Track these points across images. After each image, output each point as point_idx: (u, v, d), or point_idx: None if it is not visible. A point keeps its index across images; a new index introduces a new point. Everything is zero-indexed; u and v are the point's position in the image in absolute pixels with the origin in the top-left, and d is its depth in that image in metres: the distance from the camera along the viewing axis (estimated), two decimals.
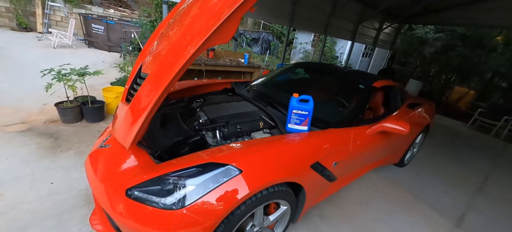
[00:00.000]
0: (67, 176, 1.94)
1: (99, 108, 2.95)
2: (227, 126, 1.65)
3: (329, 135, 1.59)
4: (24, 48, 5.67)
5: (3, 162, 1.99)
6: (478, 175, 3.30)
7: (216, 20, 0.94)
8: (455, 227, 2.16)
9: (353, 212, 2.10)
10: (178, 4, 1.82)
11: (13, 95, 3.30)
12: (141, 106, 1.12)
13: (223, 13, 0.93)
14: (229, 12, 0.93)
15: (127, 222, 1.05)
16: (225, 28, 0.96)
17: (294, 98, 1.56)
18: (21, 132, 2.49)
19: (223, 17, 0.93)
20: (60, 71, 2.62)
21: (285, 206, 1.39)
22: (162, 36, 1.54)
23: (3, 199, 1.65)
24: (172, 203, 1.01)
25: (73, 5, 8.14)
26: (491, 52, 7.59)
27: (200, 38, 0.96)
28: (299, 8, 4.85)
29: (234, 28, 0.99)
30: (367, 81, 2.21)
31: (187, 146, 1.47)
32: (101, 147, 1.45)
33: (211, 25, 0.95)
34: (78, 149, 2.35)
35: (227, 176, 1.07)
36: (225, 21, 0.94)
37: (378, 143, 2.02)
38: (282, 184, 1.27)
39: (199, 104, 2.03)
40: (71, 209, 1.64)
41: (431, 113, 3.08)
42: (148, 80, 1.19)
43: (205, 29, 0.97)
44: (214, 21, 0.94)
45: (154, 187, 1.07)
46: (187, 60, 0.99)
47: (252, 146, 1.28)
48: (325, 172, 1.55)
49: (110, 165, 1.27)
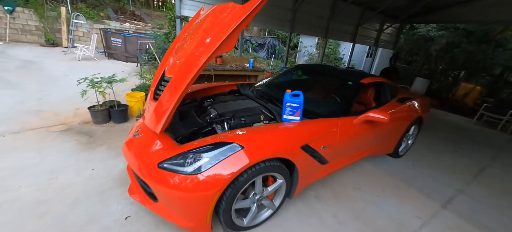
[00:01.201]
0: (104, 164, 2.36)
1: (124, 110, 3.41)
2: (233, 119, 2.00)
3: (318, 123, 1.90)
4: (53, 62, 6.37)
5: (53, 155, 2.44)
6: (476, 167, 3.42)
7: (222, 35, 1.30)
8: (441, 208, 2.36)
9: (346, 194, 2.37)
10: (191, 21, 2.22)
11: (51, 102, 3.84)
12: (167, 102, 1.50)
13: (227, 29, 1.29)
14: (232, 28, 1.28)
15: (159, 187, 1.41)
16: (229, 41, 1.32)
17: (287, 94, 1.89)
18: (62, 132, 2.96)
19: (228, 33, 1.28)
20: (93, 80, 3.10)
21: (280, 180, 1.70)
22: (179, 47, 1.93)
23: (57, 181, 2.07)
24: (192, 170, 1.36)
25: (93, 21, 8.94)
26: (498, 47, 7.55)
27: (210, 50, 1.33)
28: (299, 15, 5.20)
29: (235, 39, 1.34)
30: (356, 78, 2.49)
31: (201, 135, 1.84)
32: (134, 136, 1.85)
33: (218, 39, 1.31)
34: (110, 144, 2.77)
35: (232, 151, 1.41)
36: (229, 36, 1.30)
37: (366, 132, 2.29)
38: (276, 160, 1.60)
39: (209, 102, 2.40)
40: (110, 189, 2.04)
41: (424, 107, 3.29)
42: (171, 83, 1.57)
43: (213, 43, 1.33)
44: (221, 36, 1.30)
45: (178, 160, 1.43)
46: (200, 67, 1.35)
47: (251, 131, 1.62)
48: (315, 154, 1.85)
49: (144, 148, 1.65)
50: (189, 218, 1.44)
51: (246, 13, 1.25)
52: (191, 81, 1.39)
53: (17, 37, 8.18)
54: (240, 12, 1.36)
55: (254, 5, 1.24)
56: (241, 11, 1.35)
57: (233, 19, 1.33)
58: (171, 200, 1.42)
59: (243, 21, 1.29)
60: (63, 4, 8.68)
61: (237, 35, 1.34)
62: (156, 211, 1.54)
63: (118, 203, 1.88)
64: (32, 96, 3.95)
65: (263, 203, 1.70)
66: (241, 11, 1.34)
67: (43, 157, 2.38)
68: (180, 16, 3.70)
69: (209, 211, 1.40)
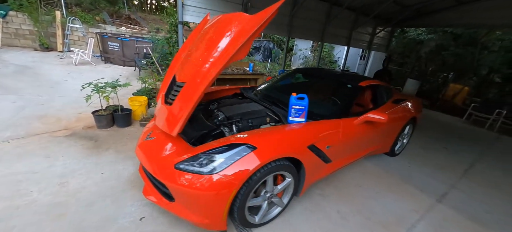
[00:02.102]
0: (113, 168, 2.41)
1: (128, 115, 3.45)
2: (241, 121, 2.10)
3: (322, 124, 2.03)
4: (50, 67, 6.30)
5: (60, 160, 2.47)
6: (466, 163, 3.63)
7: (237, 44, 1.41)
8: (437, 202, 2.52)
9: (348, 191, 2.50)
10: (199, 26, 2.31)
11: (52, 107, 3.83)
12: (183, 106, 1.58)
13: (242, 39, 1.40)
14: (246, 37, 1.39)
15: (177, 187, 1.49)
16: (243, 49, 1.42)
17: (293, 97, 2.00)
18: (67, 136, 2.98)
19: (243, 42, 1.39)
20: (97, 84, 3.13)
21: (289, 178, 1.81)
22: (190, 53, 2.02)
23: (68, 185, 2.11)
24: (209, 171, 1.45)
25: (89, 25, 8.88)
26: (483, 50, 7.94)
27: (225, 57, 1.43)
28: (296, 19, 5.36)
29: (249, 48, 1.45)
30: (354, 81, 2.64)
31: (210, 137, 1.93)
32: (147, 139, 1.92)
33: (233, 48, 1.42)
34: (116, 148, 2.82)
35: (246, 151, 1.51)
36: (244, 45, 1.40)
37: (366, 132, 2.43)
38: (285, 159, 1.70)
39: (215, 106, 2.49)
40: (122, 191, 2.09)
41: (417, 107, 3.47)
42: (186, 88, 1.66)
43: (228, 51, 1.44)
44: (235, 45, 1.41)
45: (195, 161, 1.51)
46: (216, 73, 1.45)
47: (262, 132, 1.72)
48: (320, 153, 1.97)
49: (159, 150, 1.73)
50: (206, 216, 1.52)
51: (260, 23, 1.36)
52: (207, 87, 1.48)
53: (10, 41, 8.03)
54: (252, 22, 1.47)
55: (267, 15, 1.35)
56: (253, 21, 1.46)
57: (245, 29, 1.44)
58: (189, 199, 1.50)
59: (256, 31, 1.40)
60: (57, 8, 8.59)
61: (250, 43, 1.45)
62: (173, 211, 1.61)
63: (131, 205, 1.94)
64: (33, 101, 3.94)
65: (273, 200, 1.80)
66: (254, 21, 1.45)
67: (51, 162, 2.41)
68: (182, 21, 3.78)
69: (226, 208, 1.49)
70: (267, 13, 1.36)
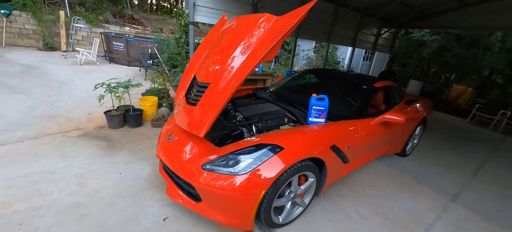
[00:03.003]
0: (129, 168, 2.40)
1: (139, 115, 3.44)
2: (260, 121, 2.10)
3: (342, 125, 2.04)
4: (55, 66, 6.28)
5: (76, 160, 2.46)
6: (474, 164, 3.66)
7: (267, 45, 1.41)
8: (450, 202, 2.54)
9: (364, 191, 2.51)
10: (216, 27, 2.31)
11: (62, 107, 3.82)
12: (212, 106, 1.59)
13: (272, 41, 1.41)
14: (276, 40, 1.40)
15: (206, 187, 1.49)
16: (272, 51, 1.43)
17: (313, 98, 2.01)
18: (80, 137, 2.97)
19: (273, 44, 1.40)
20: (110, 84, 3.13)
21: (312, 178, 1.82)
22: (211, 54, 2.02)
23: (88, 185, 2.11)
24: (238, 171, 1.46)
25: (92, 25, 8.86)
26: (486, 51, 8.01)
27: (255, 59, 1.44)
28: (304, 20, 5.38)
29: (278, 50, 1.46)
30: (369, 82, 2.66)
31: (231, 137, 1.93)
32: (169, 140, 1.92)
33: (263, 50, 1.42)
34: (130, 148, 2.81)
35: (274, 152, 1.51)
36: (273, 47, 1.41)
37: (381, 132, 2.45)
38: (310, 159, 1.71)
39: (231, 106, 2.49)
40: (141, 191, 2.09)
41: (427, 108, 3.50)
42: (211, 88, 1.66)
43: (257, 53, 1.44)
44: (266, 46, 1.42)
45: (223, 161, 1.52)
46: (246, 75, 1.46)
47: (287, 133, 1.73)
48: (341, 154, 1.98)
49: (183, 151, 1.73)
50: (234, 216, 1.53)
51: (292, 23, 1.37)
52: (237, 88, 1.49)
53: (14, 40, 7.99)
54: (281, 23, 1.47)
55: (299, 16, 1.36)
56: (282, 23, 1.47)
57: (276, 29, 1.45)
58: (217, 199, 1.51)
59: (287, 32, 1.41)
60: (61, 7, 8.56)
61: (280, 45, 1.45)
62: (199, 211, 1.61)
63: (152, 205, 1.94)
64: (42, 101, 3.92)
65: (296, 201, 1.81)
66: (282, 23, 1.46)
67: (67, 162, 2.40)
68: (194, 22, 3.79)
69: (254, 208, 1.50)
70: (299, 13, 1.37)
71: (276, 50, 1.44)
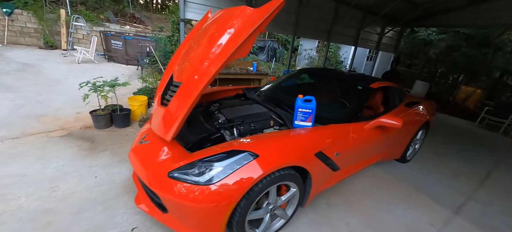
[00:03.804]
0: (107, 171, 2.28)
1: (127, 115, 3.33)
2: (242, 124, 1.95)
3: (330, 129, 1.86)
4: (52, 65, 6.27)
5: (53, 162, 2.36)
6: (482, 171, 3.40)
7: (238, 40, 1.25)
8: (453, 214, 2.32)
9: (357, 201, 2.32)
10: (199, 23, 2.17)
11: (51, 105, 3.75)
12: (179, 108, 1.44)
13: (243, 35, 1.25)
14: (248, 33, 1.24)
15: (170, 197, 1.34)
16: (244, 46, 1.27)
17: (299, 99, 1.84)
18: (63, 137, 2.88)
19: (244, 38, 1.24)
20: (95, 83, 3.03)
21: (294, 189, 1.65)
22: (188, 51, 1.88)
23: (59, 190, 1.99)
24: (205, 181, 1.30)
25: (93, 24, 8.87)
26: (497, 51, 7.62)
27: (225, 55, 1.28)
28: (302, 19, 5.19)
29: (251, 45, 1.30)
30: (364, 83, 2.46)
31: (210, 141, 1.78)
32: (141, 143, 1.78)
33: (233, 45, 1.26)
34: (112, 150, 2.70)
35: (247, 160, 1.35)
36: (245, 41, 1.25)
37: (377, 137, 2.25)
38: (291, 168, 1.54)
39: (216, 107, 2.35)
40: (115, 197, 1.96)
41: (431, 110, 3.27)
42: (182, 88, 1.51)
43: (228, 48, 1.28)
44: (236, 41, 1.26)
45: (190, 170, 1.37)
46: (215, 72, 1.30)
47: (265, 138, 1.57)
48: (328, 161, 1.80)
49: (152, 156, 1.59)
50: (201, 230, 1.38)
51: (263, 18, 1.21)
52: (205, 87, 1.34)
53: (16, 39, 8.06)
54: (255, 16, 1.31)
55: (272, 9, 1.20)
56: (256, 15, 1.30)
57: (248, 23, 1.29)
58: (183, 211, 1.36)
59: (259, 26, 1.25)
60: (62, 6, 8.60)
61: (253, 40, 1.29)
62: (166, 223, 1.47)
63: (123, 213, 1.81)
64: (32, 99, 3.87)
65: (276, 213, 1.64)
66: (257, 15, 1.30)
67: (44, 164, 2.30)
68: (184, 19, 3.66)
69: (223, 222, 1.34)
70: (272, 5, 1.20)
71: (248, 45, 1.28)
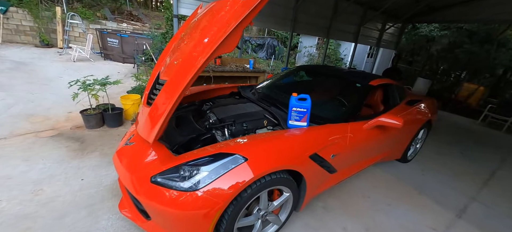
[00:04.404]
0: (95, 173, 2.19)
1: (118, 114, 3.24)
2: (234, 124, 1.84)
3: (327, 130, 1.75)
4: (47, 63, 6.18)
5: (40, 163, 2.27)
6: (485, 171, 3.30)
7: (222, 34, 1.15)
8: (456, 218, 2.22)
9: (355, 204, 2.22)
10: (188, 19, 2.07)
11: (42, 105, 3.66)
12: (162, 107, 1.34)
13: (228, 27, 1.14)
14: (233, 26, 1.13)
15: (152, 203, 1.25)
16: (230, 40, 1.17)
17: (293, 97, 1.73)
18: (52, 137, 2.79)
19: (228, 31, 1.13)
20: (85, 82, 2.93)
21: (287, 193, 1.55)
22: (176, 47, 1.78)
23: (43, 193, 1.91)
24: (189, 186, 1.21)
25: (89, 21, 8.76)
26: (501, 47, 7.46)
27: (208, 50, 1.17)
28: (300, 14, 5.06)
29: (237, 39, 1.19)
30: (363, 80, 2.35)
31: (200, 142, 1.68)
32: (126, 144, 1.69)
33: (217, 38, 1.16)
34: (102, 151, 2.61)
35: (234, 164, 1.25)
36: (230, 34, 1.14)
37: (376, 137, 2.14)
38: (283, 172, 1.44)
39: (208, 106, 2.25)
40: (101, 201, 1.88)
41: (433, 109, 3.15)
42: (166, 86, 1.41)
43: (212, 42, 1.18)
44: (220, 35, 1.15)
45: (173, 174, 1.27)
46: (198, 68, 1.20)
47: (255, 139, 1.47)
48: (324, 164, 1.70)
49: (136, 159, 1.49)
50: None
51: (249, 10, 1.11)
52: (188, 85, 1.24)
53: (11, 37, 7.97)
54: (241, 9, 1.20)
55: (258, 0, 1.09)
56: (242, 8, 1.20)
57: (234, 16, 1.18)
58: (166, 218, 1.27)
59: (245, 19, 1.14)
60: (58, 4, 8.48)
61: (239, 34, 1.19)
62: (149, 230, 1.38)
63: (108, 218, 1.72)
64: (23, 98, 3.78)
65: (268, 218, 1.55)
66: (242, 8, 1.19)
67: (30, 166, 2.21)
68: (178, 15, 3.54)
69: (210, 230, 1.25)
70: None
71: (234, 39, 1.17)
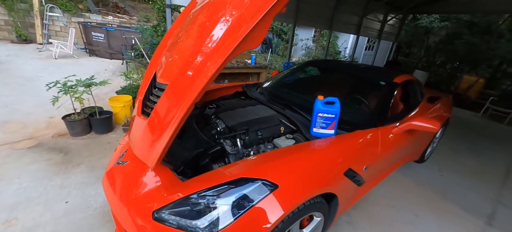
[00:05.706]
0: (81, 193, 1.87)
1: (107, 118, 2.88)
2: (247, 133, 1.56)
3: (357, 138, 1.50)
4: (25, 61, 5.61)
5: (15, 183, 1.92)
6: (500, 168, 3.18)
7: (246, 25, 0.85)
8: (487, 225, 2.06)
9: (380, 215, 2.01)
10: (185, 10, 1.72)
11: (19, 110, 3.23)
12: (165, 121, 1.04)
13: (254, 16, 0.84)
14: (260, 15, 0.83)
15: None
16: (256, 32, 0.87)
17: (319, 101, 1.47)
18: (30, 148, 2.42)
19: (255, 21, 0.83)
20: (66, 83, 2.54)
21: (319, 218, 1.30)
22: (174, 43, 1.45)
23: (18, 224, 1.57)
24: (205, 226, 0.93)
25: (71, 14, 8.07)
26: (500, 38, 7.43)
27: (229, 47, 0.87)
28: (303, 5, 4.74)
29: (265, 31, 0.90)
30: (386, 77, 2.10)
31: (208, 157, 1.39)
32: (118, 164, 1.37)
33: (240, 31, 0.86)
34: (90, 163, 2.27)
35: (262, 194, 0.98)
36: (257, 25, 0.84)
37: (404, 141, 1.92)
38: (317, 196, 1.18)
39: (213, 110, 1.94)
40: (89, 229, 1.57)
41: (449, 106, 2.98)
42: (168, 93, 1.10)
43: (233, 36, 0.87)
44: (244, 26, 0.85)
45: (183, 208, 0.99)
46: (215, 71, 0.89)
47: (282, 157, 1.19)
48: (356, 178, 1.46)
49: (131, 184, 1.19)
50: None
51: None
52: (203, 91, 0.93)
53: None
54: None
55: None
56: None
57: (259, 2, 0.87)
58: None
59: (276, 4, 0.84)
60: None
61: (269, 24, 0.89)
62: None
63: None
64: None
65: None
66: None
67: (2, 187, 1.86)
68: (171, 4, 3.16)
69: None
70: None
71: (262, 31, 0.87)
